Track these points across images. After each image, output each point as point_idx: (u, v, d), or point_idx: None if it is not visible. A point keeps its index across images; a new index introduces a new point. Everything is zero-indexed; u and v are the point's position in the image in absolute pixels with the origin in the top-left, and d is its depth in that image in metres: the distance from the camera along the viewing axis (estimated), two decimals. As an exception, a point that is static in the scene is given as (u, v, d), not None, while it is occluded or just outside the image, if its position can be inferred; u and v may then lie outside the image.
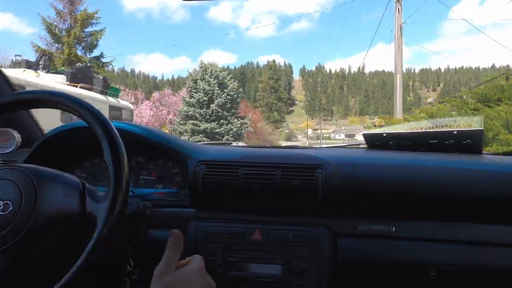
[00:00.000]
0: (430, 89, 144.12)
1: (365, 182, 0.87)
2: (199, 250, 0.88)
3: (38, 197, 0.60)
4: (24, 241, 0.57)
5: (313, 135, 70.97)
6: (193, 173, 0.92)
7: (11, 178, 0.61)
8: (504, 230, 0.84)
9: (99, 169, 1.09)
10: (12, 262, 0.57)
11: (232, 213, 0.94)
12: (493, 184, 0.85)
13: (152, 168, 1.08)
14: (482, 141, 1.06)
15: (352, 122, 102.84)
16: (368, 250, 0.87)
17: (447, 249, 0.85)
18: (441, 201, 0.86)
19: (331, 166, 0.89)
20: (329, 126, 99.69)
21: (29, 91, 0.68)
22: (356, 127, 76.41)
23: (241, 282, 0.86)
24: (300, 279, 0.84)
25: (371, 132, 1.21)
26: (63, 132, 0.99)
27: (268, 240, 0.87)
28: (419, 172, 0.89)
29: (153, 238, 0.90)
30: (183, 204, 0.97)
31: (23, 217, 0.58)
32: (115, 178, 0.61)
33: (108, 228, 0.59)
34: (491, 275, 0.85)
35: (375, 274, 0.88)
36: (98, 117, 0.64)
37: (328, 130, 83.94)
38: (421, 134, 1.12)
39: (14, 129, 0.99)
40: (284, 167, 0.90)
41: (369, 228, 0.88)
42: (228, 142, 5.18)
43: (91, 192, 0.66)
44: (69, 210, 0.63)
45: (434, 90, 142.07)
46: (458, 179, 0.87)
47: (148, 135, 0.99)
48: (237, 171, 0.90)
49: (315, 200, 0.88)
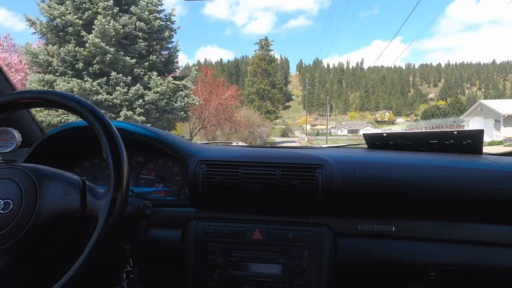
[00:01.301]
0: (431, 84, 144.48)
1: (365, 182, 0.89)
2: (199, 250, 0.91)
3: (39, 196, 0.62)
4: (25, 239, 0.59)
5: (311, 131, 69.61)
6: (193, 173, 0.93)
7: (11, 177, 0.63)
8: (503, 230, 0.87)
9: (99, 169, 1.11)
10: (13, 261, 0.59)
11: (232, 213, 0.96)
12: (493, 184, 0.87)
13: (152, 167, 1.10)
14: (482, 141, 1.08)
15: (352, 118, 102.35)
16: (368, 250, 0.89)
17: (446, 249, 0.87)
18: (441, 201, 0.88)
19: (331, 166, 0.91)
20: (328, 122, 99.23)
21: (29, 90, 0.70)
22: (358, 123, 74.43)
23: (241, 282, 0.88)
24: (300, 279, 0.86)
25: (371, 132, 1.24)
26: (63, 131, 1.01)
27: (268, 239, 0.90)
28: (419, 172, 0.91)
29: (153, 237, 0.92)
30: (183, 204, 0.99)
31: (24, 216, 0.60)
32: (115, 174, 0.62)
33: (109, 225, 0.60)
34: (490, 275, 0.87)
35: (375, 273, 0.90)
36: (98, 116, 0.66)
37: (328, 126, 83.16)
38: (421, 134, 1.14)
39: (15, 128, 1.01)
40: (284, 166, 0.92)
41: (369, 228, 0.90)
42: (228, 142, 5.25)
43: (91, 189, 0.68)
44: (69, 208, 0.64)
45: (435, 86, 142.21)
46: (458, 180, 0.89)
47: (148, 134, 1.00)
48: (237, 171, 0.92)
49: (315, 200, 0.90)
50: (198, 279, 0.90)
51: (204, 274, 0.90)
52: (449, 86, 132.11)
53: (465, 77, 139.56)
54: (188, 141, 1.09)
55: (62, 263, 0.62)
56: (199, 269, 0.90)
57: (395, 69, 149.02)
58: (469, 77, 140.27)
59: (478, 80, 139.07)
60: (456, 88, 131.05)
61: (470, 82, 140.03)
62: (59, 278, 0.56)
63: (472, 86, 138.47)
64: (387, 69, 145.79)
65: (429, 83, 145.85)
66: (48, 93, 0.69)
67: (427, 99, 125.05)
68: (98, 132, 0.65)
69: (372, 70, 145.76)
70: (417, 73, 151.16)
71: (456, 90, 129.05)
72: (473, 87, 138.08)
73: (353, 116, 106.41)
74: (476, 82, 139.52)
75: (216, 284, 0.89)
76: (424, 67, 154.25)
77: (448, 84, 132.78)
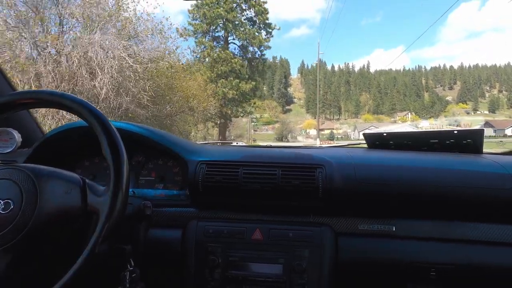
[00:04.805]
0: (446, 87, 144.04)
1: (365, 182, 0.94)
2: (199, 250, 0.96)
3: (39, 195, 0.66)
4: (26, 239, 0.63)
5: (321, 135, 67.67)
6: (193, 173, 0.99)
7: (11, 177, 0.67)
8: (504, 230, 0.91)
9: (99, 169, 1.17)
10: (14, 261, 0.62)
11: (232, 213, 1.00)
12: (493, 184, 0.92)
13: (152, 168, 1.15)
14: (482, 140, 1.14)
15: (367, 120, 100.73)
16: (369, 249, 0.94)
17: (447, 248, 0.92)
18: (441, 200, 0.93)
19: (332, 166, 0.96)
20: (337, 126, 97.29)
21: (29, 91, 0.74)
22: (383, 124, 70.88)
23: (242, 282, 0.93)
24: (301, 278, 0.91)
25: (371, 132, 1.29)
26: (63, 131, 1.07)
27: (268, 239, 0.94)
28: (419, 172, 0.96)
29: (153, 237, 0.97)
30: (183, 204, 1.03)
31: (24, 216, 0.63)
32: (115, 171, 0.66)
33: (111, 221, 0.64)
34: (491, 275, 0.91)
35: (376, 273, 0.95)
36: (98, 115, 0.70)
37: (339, 131, 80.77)
38: (421, 134, 1.20)
39: (14, 129, 1.05)
40: (285, 166, 0.97)
41: (370, 227, 0.95)
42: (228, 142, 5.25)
43: (91, 187, 0.72)
44: (70, 206, 0.68)
45: (450, 89, 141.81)
46: (458, 179, 0.94)
47: (148, 134, 1.06)
48: (237, 171, 0.97)
49: (315, 199, 0.94)
50: (198, 279, 0.95)
51: (204, 274, 0.94)
52: (467, 88, 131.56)
53: (484, 79, 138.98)
54: (188, 141, 1.15)
55: (63, 261, 0.65)
56: (199, 269, 0.95)
57: (404, 72, 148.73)
58: (488, 79, 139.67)
59: (498, 82, 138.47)
60: (475, 91, 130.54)
61: (490, 84, 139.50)
62: (60, 276, 0.59)
63: (491, 89, 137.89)
64: (396, 72, 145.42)
65: (444, 86, 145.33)
66: (47, 93, 0.72)
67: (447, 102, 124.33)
68: (97, 131, 0.68)
69: (379, 73, 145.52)
70: (429, 75, 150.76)
71: (476, 93, 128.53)
72: (493, 89, 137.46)
73: (367, 119, 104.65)
74: (496, 84, 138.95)
75: (217, 284, 0.93)
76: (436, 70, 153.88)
77: (467, 86, 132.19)
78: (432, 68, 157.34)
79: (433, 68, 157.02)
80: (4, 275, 0.61)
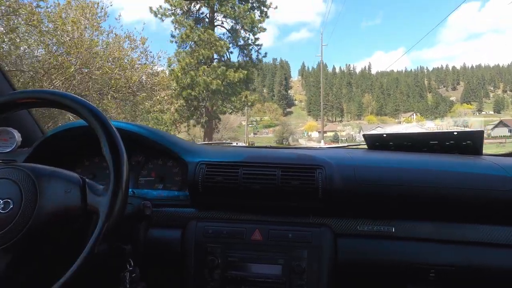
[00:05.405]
0: (449, 88, 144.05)
1: (365, 183, 0.95)
2: (199, 250, 0.97)
3: (39, 195, 0.66)
4: (25, 238, 0.64)
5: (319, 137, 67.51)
6: (193, 173, 1.00)
7: (10, 177, 0.68)
8: (504, 231, 0.92)
9: (99, 169, 1.18)
10: (14, 260, 0.63)
11: (232, 213, 1.01)
12: (492, 185, 0.93)
13: (152, 168, 1.17)
14: (482, 142, 1.15)
15: (370, 122, 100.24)
16: (368, 250, 0.95)
17: (446, 249, 0.93)
18: (441, 202, 0.94)
19: (331, 167, 0.97)
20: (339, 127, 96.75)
21: (29, 90, 0.75)
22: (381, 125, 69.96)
23: (241, 282, 0.94)
24: (300, 279, 0.92)
25: (371, 133, 1.31)
26: (63, 131, 1.08)
27: (268, 240, 0.95)
28: (419, 174, 0.97)
29: (153, 237, 0.98)
30: (183, 204, 1.05)
31: (24, 215, 0.64)
32: (115, 170, 0.67)
33: (111, 220, 0.65)
34: (490, 276, 0.92)
35: (375, 274, 0.96)
36: (97, 115, 0.71)
37: (342, 133, 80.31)
38: (421, 135, 1.21)
39: (15, 128, 1.08)
40: (284, 167, 0.98)
41: (369, 228, 0.96)
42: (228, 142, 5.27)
43: (91, 186, 0.72)
44: (70, 205, 0.69)
45: (453, 89, 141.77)
46: (458, 180, 0.94)
47: (147, 134, 1.07)
48: (237, 171, 0.98)
49: (315, 200, 0.95)
50: (198, 279, 0.96)
51: (204, 274, 0.95)
52: (471, 88, 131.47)
53: (488, 79, 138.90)
54: (188, 141, 1.16)
55: (63, 261, 0.65)
56: (199, 269, 0.96)
57: (406, 73, 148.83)
58: (491, 79, 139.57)
59: (502, 83, 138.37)
60: (479, 91, 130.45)
61: (494, 84, 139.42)
62: (61, 275, 0.60)
63: (495, 89, 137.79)
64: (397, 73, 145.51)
65: (447, 87, 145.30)
66: (47, 93, 0.73)
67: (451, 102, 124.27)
68: (97, 131, 0.69)
69: (381, 74, 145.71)
70: (431, 76, 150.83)
71: (480, 93, 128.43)
72: (497, 89, 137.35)
73: (371, 120, 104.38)
74: (500, 84, 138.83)
75: (216, 284, 0.95)
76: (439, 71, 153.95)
77: (471, 86, 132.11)
78: (434, 69, 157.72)
79: (435, 69, 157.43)
80: (4, 274, 0.62)
